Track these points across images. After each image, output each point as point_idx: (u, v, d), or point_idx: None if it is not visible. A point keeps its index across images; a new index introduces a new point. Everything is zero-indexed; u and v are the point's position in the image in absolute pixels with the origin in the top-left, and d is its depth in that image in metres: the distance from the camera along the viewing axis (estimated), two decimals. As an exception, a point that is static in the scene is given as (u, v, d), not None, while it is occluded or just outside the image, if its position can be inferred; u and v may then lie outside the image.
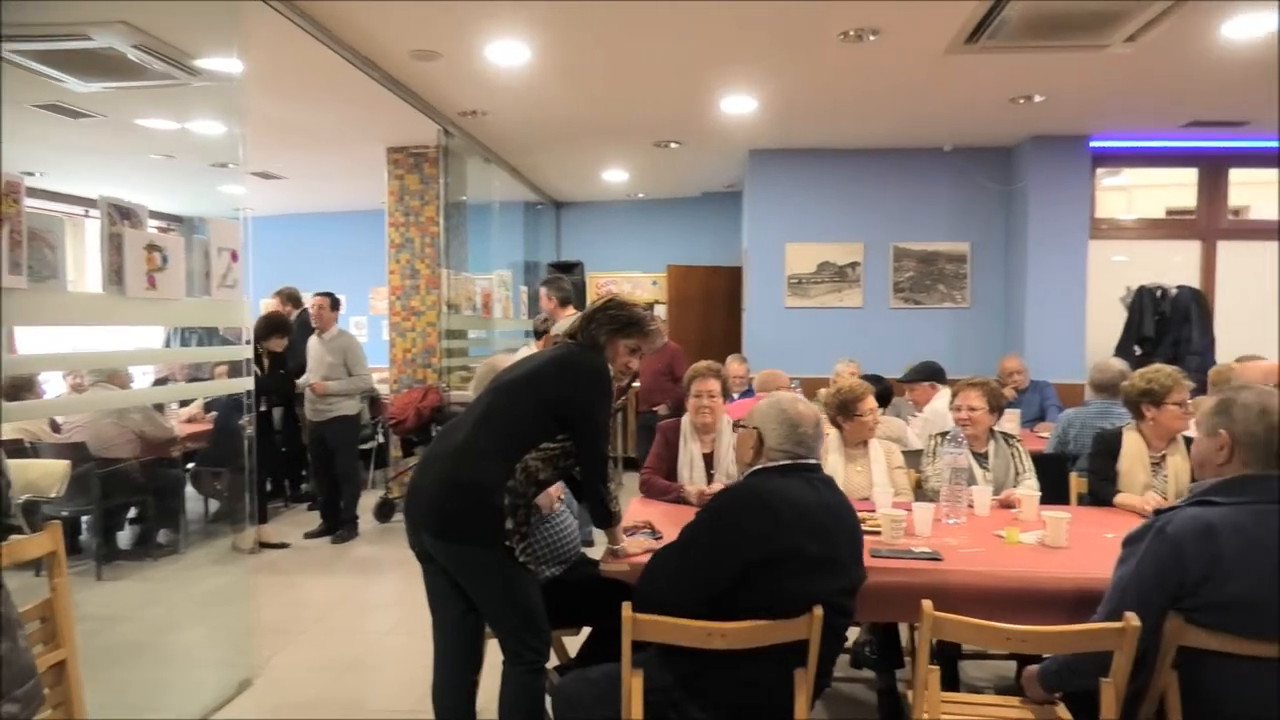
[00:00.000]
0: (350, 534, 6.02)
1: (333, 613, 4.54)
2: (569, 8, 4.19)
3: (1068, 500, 3.62)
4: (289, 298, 6.96)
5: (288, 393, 6.10)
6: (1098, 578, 2.22)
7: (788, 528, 2.11)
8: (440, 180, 6.81)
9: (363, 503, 6.31)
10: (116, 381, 5.18)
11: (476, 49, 4.79)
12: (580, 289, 8.89)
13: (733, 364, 6.04)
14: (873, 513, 2.98)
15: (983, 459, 3.56)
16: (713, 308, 9.09)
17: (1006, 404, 3.92)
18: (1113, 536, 2.55)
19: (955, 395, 3.69)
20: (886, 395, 5.25)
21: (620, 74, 5.32)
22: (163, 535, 5.75)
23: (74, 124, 6.06)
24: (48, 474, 4.66)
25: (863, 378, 4.48)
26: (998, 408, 3.61)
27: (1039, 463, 3.65)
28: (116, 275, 2.86)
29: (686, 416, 3.63)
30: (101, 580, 5.06)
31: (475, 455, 2.37)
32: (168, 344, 7.21)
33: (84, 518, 5.35)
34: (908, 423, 4.88)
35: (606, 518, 2.54)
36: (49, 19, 4.16)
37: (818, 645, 2.10)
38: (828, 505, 2.21)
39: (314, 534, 6.02)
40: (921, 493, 3.59)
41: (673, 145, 7.18)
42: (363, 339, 7.79)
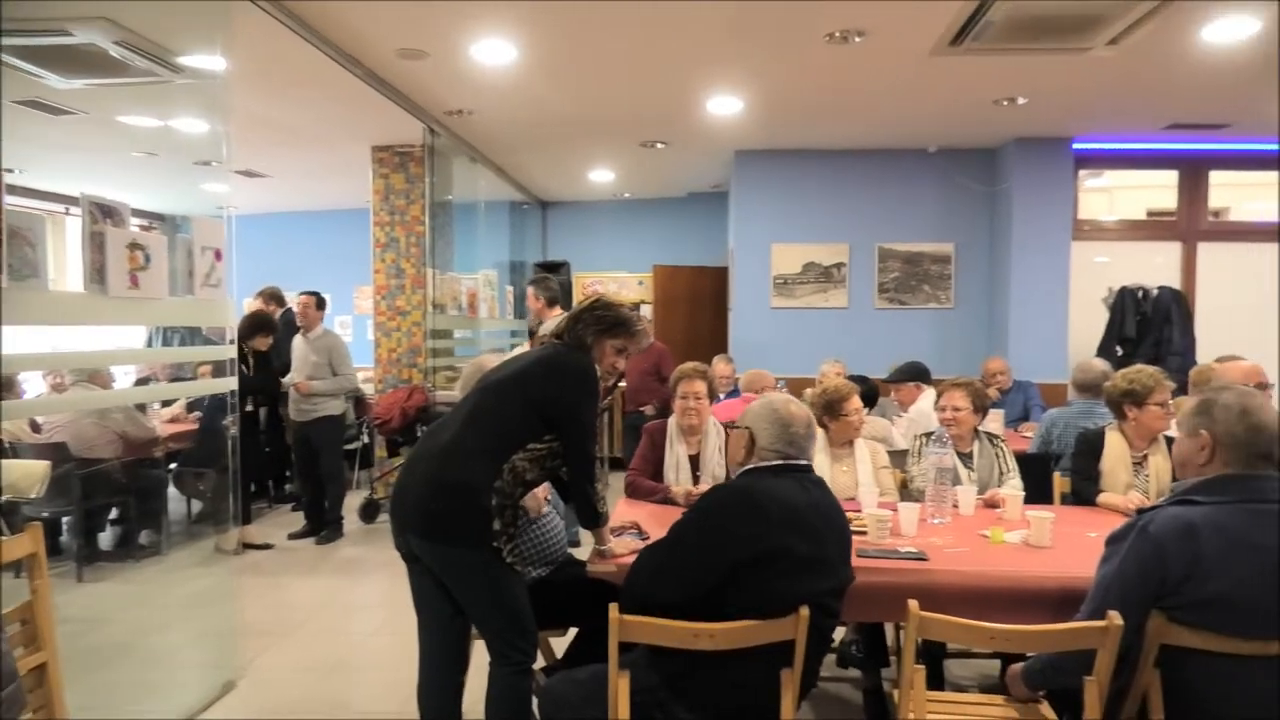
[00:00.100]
0: (335, 535, 5.99)
1: (317, 614, 4.52)
2: (556, 8, 4.19)
3: (1051, 500, 3.65)
4: (272, 297, 6.91)
5: (273, 392, 6.06)
6: (1081, 577, 2.24)
7: (777, 527, 2.11)
8: (426, 179, 6.79)
9: (347, 503, 6.28)
10: (98, 381, 5.13)
11: (463, 48, 4.77)
12: (566, 289, 8.88)
13: (719, 364, 6.06)
14: (858, 513, 3.00)
15: (967, 459, 3.58)
16: (699, 308, 9.11)
17: (991, 404, 3.94)
18: (1096, 536, 2.57)
19: (940, 395, 3.71)
20: (873, 396, 5.28)
21: (606, 74, 5.32)
22: (145, 536, 5.70)
23: (54, 120, 5.99)
24: (28, 474, 4.59)
25: (849, 378, 4.50)
26: (982, 408, 3.63)
27: (1023, 462, 3.68)
28: (98, 274, 2.83)
29: (673, 418, 3.62)
30: (83, 582, 5.01)
31: (462, 455, 2.36)
32: (149, 344, 7.15)
33: (65, 519, 5.29)
34: (893, 423, 4.90)
35: (593, 518, 2.54)
36: (29, 14, 4.11)
37: (804, 645, 2.10)
38: (818, 506, 2.21)
39: (298, 535, 5.99)
40: (907, 493, 3.61)
41: (659, 145, 7.18)
42: (347, 338, 7.75)
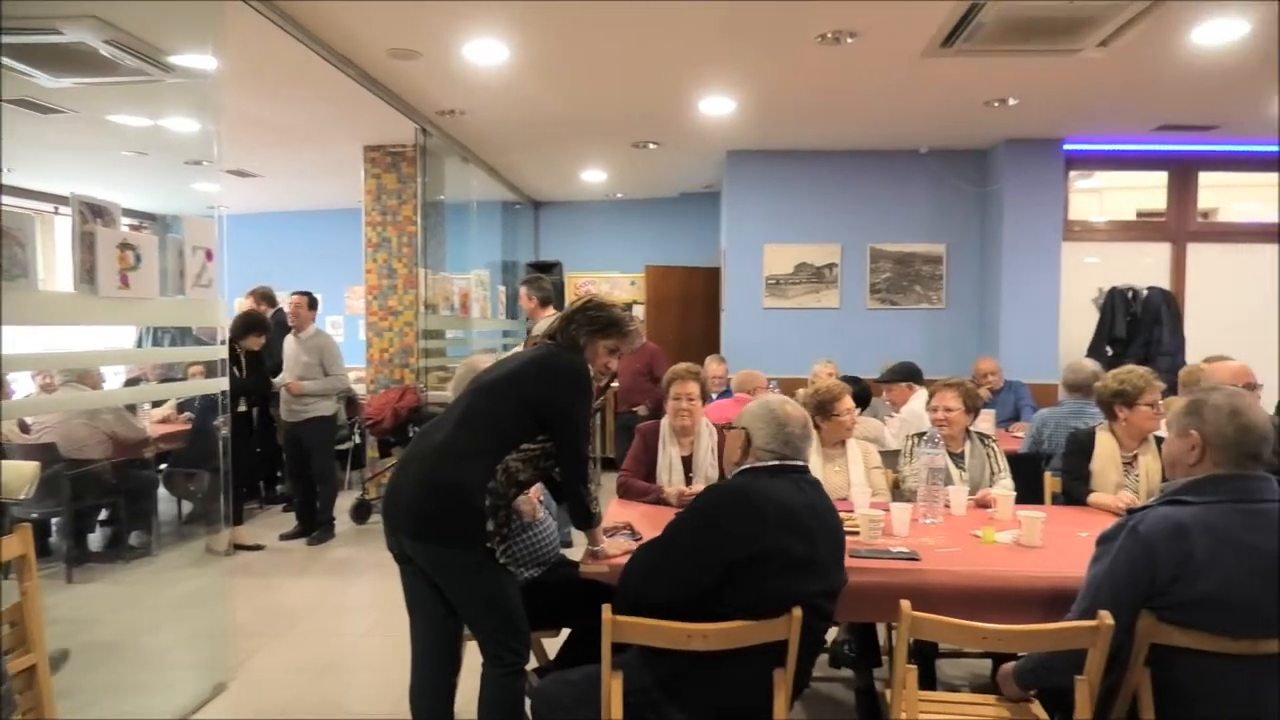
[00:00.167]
0: (326, 535, 5.97)
1: (309, 615, 4.50)
2: (548, 8, 4.18)
3: (1042, 499, 3.66)
4: (263, 296, 6.89)
5: (264, 393, 6.04)
6: (1072, 576, 2.25)
7: (773, 528, 2.12)
8: (418, 179, 6.77)
9: (339, 504, 6.26)
10: (88, 381, 5.10)
11: (455, 48, 4.76)
12: (559, 289, 8.88)
13: (711, 365, 6.06)
14: (851, 513, 3.00)
15: (959, 459, 3.59)
16: (691, 308, 9.11)
17: (982, 404, 3.96)
18: (1086, 535, 2.59)
19: (932, 396, 3.72)
20: (865, 397, 5.29)
21: (599, 74, 5.31)
22: (135, 537, 5.67)
23: (43, 119, 5.95)
24: (17, 475, 4.56)
25: (842, 379, 4.51)
26: (974, 408, 3.64)
27: (1014, 462, 3.69)
28: (88, 274, 2.82)
29: (665, 419, 3.62)
30: (72, 583, 4.98)
31: (456, 456, 2.36)
32: (139, 344, 7.12)
33: (54, 520, 5.26)
34: (885, 423, 4.91)
35: (587, 518, 2.54)
36: (17, 12, 4.08)
37: (797, 646, 2.11)
38: (813, 507, 2.22)
39: (289, 535, 5.97)
40: (899, 493, 3.62)
41: (651, 146, 7.18)
42: (339, 338, 7.74)
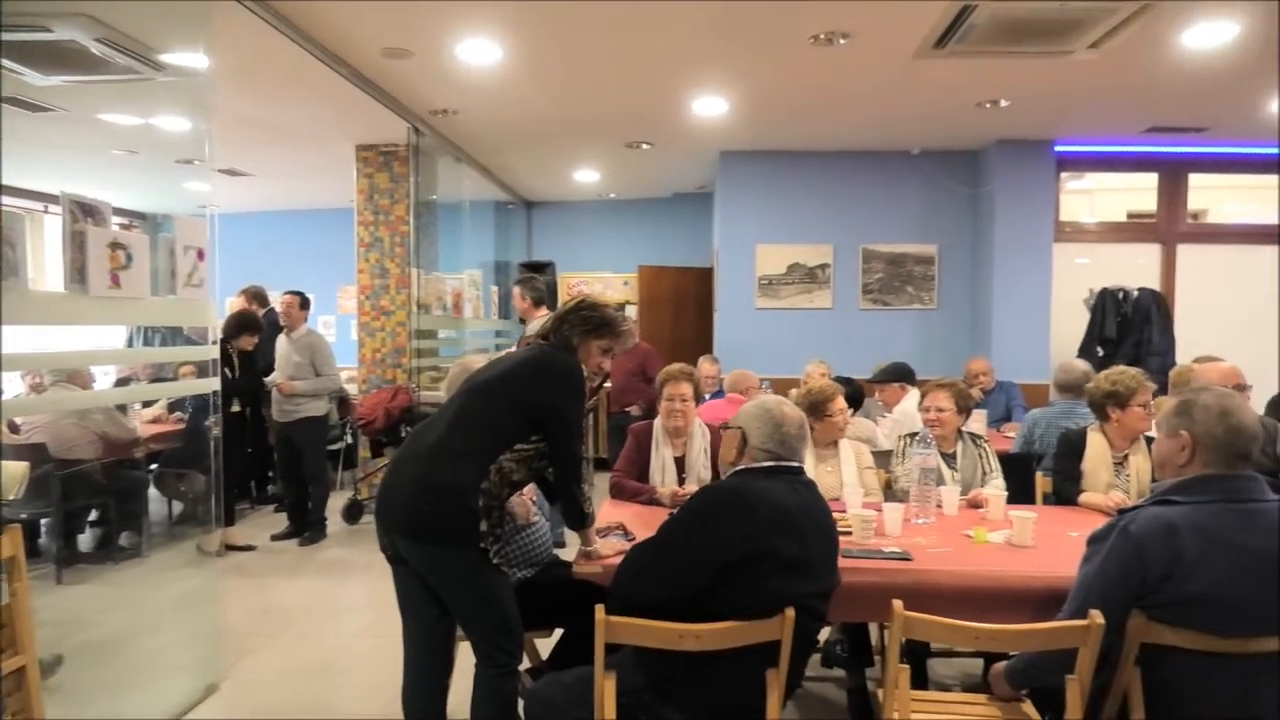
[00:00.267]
0: (318, 536, 5.95)
1: (301, 616, 4.49)
2: (541, 8, 4.18)
3: (1034, 499, 3.67)
4: (255, 296, 6.86)
5: (256, 393, 6.02)
6: (1063, 576, 2.26)
7: (766, 529, 2.12)
8: (410, 179, 6.76)
9: (331, 504, 6.24)
10: (78, 381, 5.07)
11: (448, 48, 4.75)
12: (552, 289, 8.86)
13: (704, 365, 6.07)
14: (843, 513, 3.00)
15: (951, 459, 3.60)
16: (684, 308, 9.12)
17: (974, 405, 3.97)
18: (1077, 535, 2.60)
19: (924, 396, 3.73)
20: (858, 397, 5.30)
21: (592, 75, 5.31)
22: (125, 538, 5.64)
23: (33, 118, 5.91)
24: (7, 476, 4.55)
25: (835, 379, 4.52)
26: (966, 408, 3.66)
27: (1005, 462, 3.71)
28: (79, 274, 2.80)
29: (658, 420, 3.62)
30: (62, 584, 4.95)
31: (449, 456, 2.35)
32: (130, 343, 7.08)
33: (44, 520, 5.22)
34: (877, 423, 4.92)
35: (580, 518, 2.54)
36: (7, 9, 4.05)
37: (789, 646, 2.11)
38: (808, 508, 2.22)
39: (281, 536, 5.95)
40: (891, 493, 3.63)
41: (644, 146, 7.18)
42: (331, 338, 7.71)
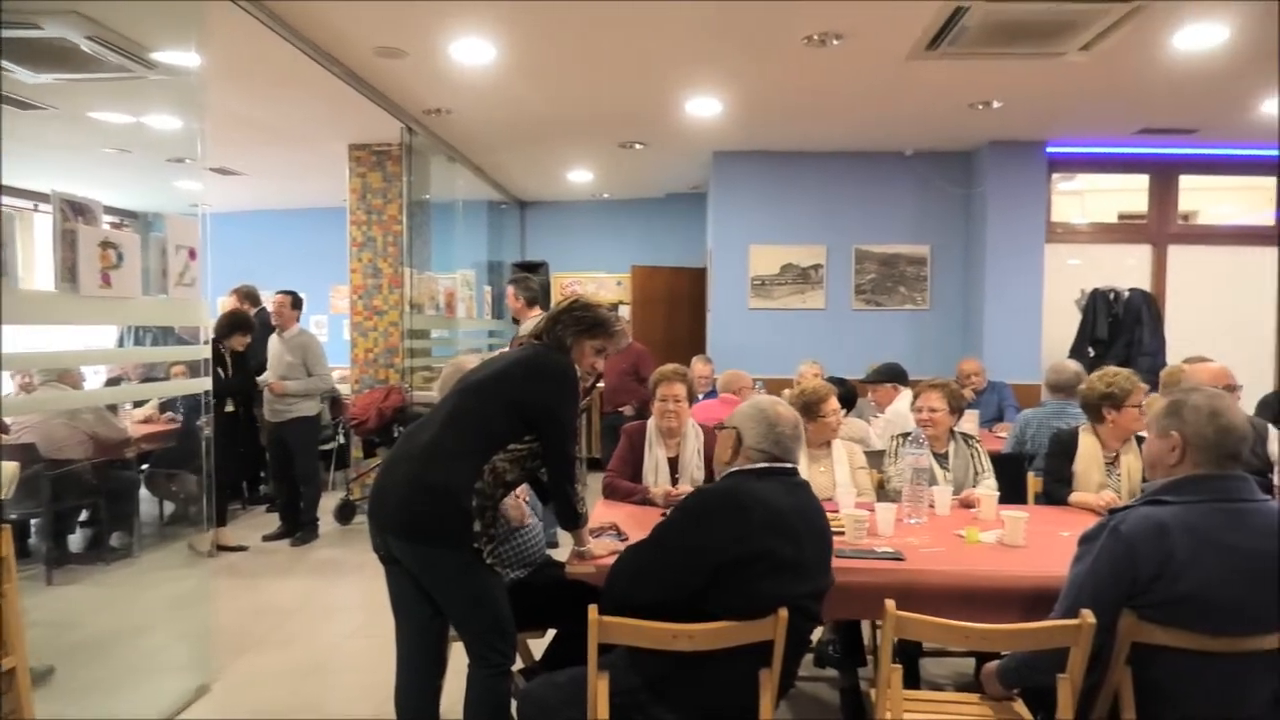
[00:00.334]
0: (310, 536, 5.93)
1: (293, 616, 4.48)
2: (535, 7, 4.18)
3: (1025, 499, 3.69)
4: (247, 295, 6.85)
5: (249, 392, 6.00)
6: (1054, 576, 2.26)
7: (760, 530, 2.12)
8: (403, 178, 6.75)
9: (323, 504, 6.22)
10: (68, 381, 5.04)
11: (441, 47, 4.75)
12: (545, 289, 8.85)
13: (697, 365, 6.08)
14: (836, 513, 3.01)
15: (943, 459, 3.61)
16: (677, 308, 9.12)
17: (966, 405, 3.98)
18: (1069, 535, 2.61)
19: (916, 397, 3.74)
20: (851, 397, 5.31)
21: (585, 74, 5.31)
22: (116, 538, 5.62)
23: (23, 116, 5.88)
24: (-4, 475, 4.53)
25: (827, 380, 4.53)
26: (958, 409, 3.67)
27: (997, 463, 3.72)
28: (70, 273, 2.79)
29: (652, 420, 3.62)
30: (52, 585, 4.92)
31: (443, 457, 2.35)
32: (121, 343, 7.05)
33: (33, 521, 5.20)
34: (870, 424, 4.93)
35: (573, 519, 2.53)
36: (-1, 7, 4.04)
37: (782, 646, 2.11)
38: (802, 510, 2.22)
39: (273, 536, 5.93)
40: (884, 493, 3.64)
41: (637, 146, 7.18)
42: (323, 338, 7.70)
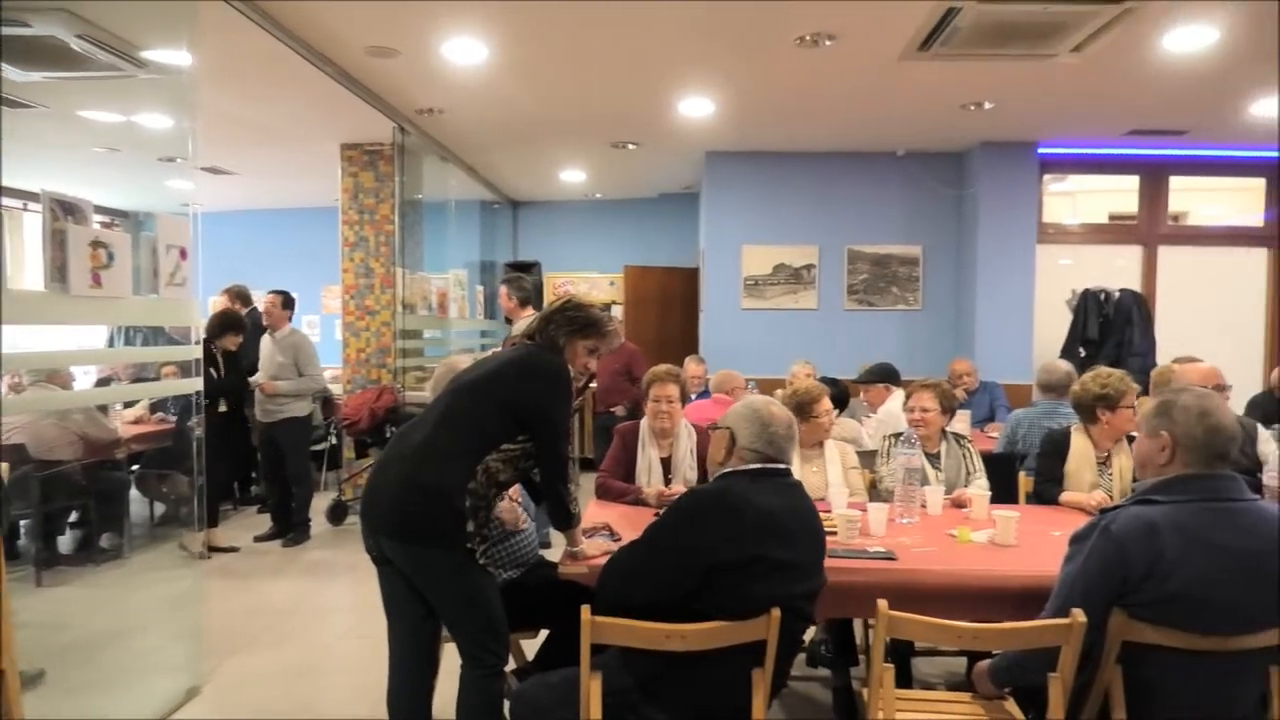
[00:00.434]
0: (302, 537, 5.91)
1: (285, 617, 4.46)
2: (527, 8, 4.17)
3: (1017, 499, 3.70)
4: (238, 295, 6.81)
5: (241, 393, 5.98)
6: (1045, 575, 2.27)
7: (753, 532, 2.12)
8: (396, 178, 6.73)
9: (315, 505, 6.21)
10: (57, 381, 5.02)
11: (434, 47, 4.74)
12: (537, 289, 8.86)
13: (690, 365, 6.09)
14: (829, 513, 3.02)
15: (935, 459, 3.62)
16: (670, 308, 9.13)
17: (958, 405, 4.00)
18: (1060, 534, 2.61)
19: (908, 397, 3.75)
20: (843, 398, 5.31)
21: (578, 74, 5.31)
22: (106, 539, 5.59)
23: (12, 114, 5.84)
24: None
25: (820, 380, 4.54)
26: (950, 409, 3.68)
27: (989, 462, 3.73)
28: (60, 273, 2.77)
29: (645, 420, 3.62)
30: (42, 586, 4.90)
31: (436, 457, 2.35)
32: (111, 343, 7.01)
33: (23, 522, 5.17)
34: (862, 424, 4.95)
35: (566, 519, 2.53)
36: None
37: (775, 646, 2.12)
38: (794, 511, 2.22)
39: (265, 537, 5.91)
40: (876, 493, 3.65)
41: (630, 146, 7.18)
42: (315, 338, 7.66)
